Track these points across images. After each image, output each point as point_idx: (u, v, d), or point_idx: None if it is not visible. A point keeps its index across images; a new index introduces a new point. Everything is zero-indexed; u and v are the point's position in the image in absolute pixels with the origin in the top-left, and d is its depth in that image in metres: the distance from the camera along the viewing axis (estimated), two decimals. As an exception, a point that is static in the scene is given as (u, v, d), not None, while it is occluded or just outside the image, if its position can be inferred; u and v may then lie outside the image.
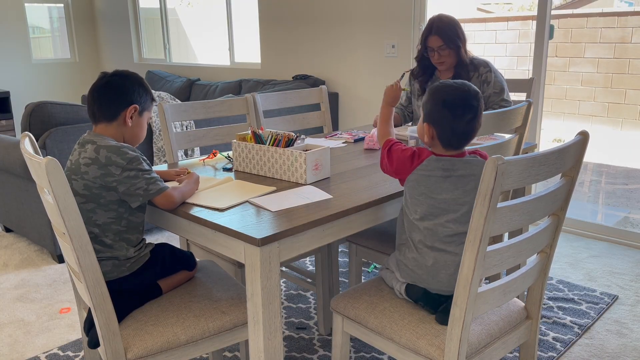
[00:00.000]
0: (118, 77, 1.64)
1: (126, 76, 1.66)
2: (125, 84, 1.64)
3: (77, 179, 1.54)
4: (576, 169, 1.46)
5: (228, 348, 2.28)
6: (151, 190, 1.54)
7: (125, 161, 1.52)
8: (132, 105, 1.63)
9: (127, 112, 1.63)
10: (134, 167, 1.53)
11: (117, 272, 1.58)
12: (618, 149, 4.97)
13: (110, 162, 1.52)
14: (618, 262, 3.08)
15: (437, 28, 2.47)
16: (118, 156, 1.52)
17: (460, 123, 1.47)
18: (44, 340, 2.41)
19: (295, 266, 2.66)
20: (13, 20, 6.58)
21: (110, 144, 1.55)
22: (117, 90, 1.62)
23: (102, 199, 1.54)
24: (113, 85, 1.63)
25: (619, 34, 4.48)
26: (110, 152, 1.52)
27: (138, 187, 1.53)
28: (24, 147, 1.52)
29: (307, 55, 4.74)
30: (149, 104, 1.71)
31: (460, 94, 1.48)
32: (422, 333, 1.47)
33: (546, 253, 1.57)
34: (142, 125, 1.70)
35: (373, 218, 1.66)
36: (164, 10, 6.37)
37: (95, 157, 1.52)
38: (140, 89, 1.67)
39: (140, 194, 1.54)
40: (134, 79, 1.66)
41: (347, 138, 2.53)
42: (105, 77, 1.64)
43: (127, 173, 1.52)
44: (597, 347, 2.27)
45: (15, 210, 3.39)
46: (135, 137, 1.69)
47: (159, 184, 1.56)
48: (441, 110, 1.49)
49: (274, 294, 1.40)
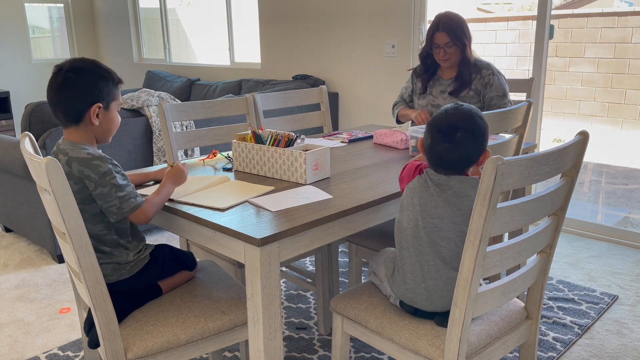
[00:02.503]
0: (73, 74, 1.49)
1: (82, 70, 1.51)
2: (82, 80, 1.50)
3: None
4: (576, 169, 1.46)
5: (228, 348, 2.28)
6: (124, 209, 1.49)
7: (97, 176, 1.46)
8: (94, 104, 1.51)
9: (91, 112, 1.51)
10: (107, 182, 1.47)
11: (117, 275, 1.58)
12: (618, 149, 4.97)
13: (83, 176, 1.47)
14: (618, 262, 3.08)
15: (444, 25, 2.47)
16: (90, 170, 1.46)
17: (437, 149, 1.43)
18: (44, 340, 2.41)
19: (295, 266, 2.66)
20: (13, 20, 6.58)
21: (81, 156, 1.48)
22: (75, 89, 1.49)
23: (86, 212, 1.50)
24: (71, 85, 1.49)
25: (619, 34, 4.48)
26: (82, 166, 1.47)
27: (112, 204, 1.48)
28: (24, 147, 1.52)
29: (307, 55, 4.74)
30: (114, 92, 1.56)
31: (446, 122, 1.43)
32: (422, 333, 1.47)
33: (546, 253, 1.57)
34: (112, 117, 1.58)
35: (373, 218, 1.66)
36: (164, 10, 6.37)
37: (69, 171, 1.47)
38: (101, 81, 1.52)
39: (114, 212, 1.49)
40: (90, 72, 1.51)
41: (345, 138, 2.53)
42: (60, 75, 1.50)
43: (101, 189, 1.47)
44: (597, 347, 2.27)
45: (15, 210, 3.39)
46: (108, 132, 1.59)
47: (132, 201, 1.50)
48: (426, 132, 1.48)
49: (274, 294, 1.40)
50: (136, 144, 3.36)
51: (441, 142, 1.43)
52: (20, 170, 3.03)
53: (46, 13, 7.08)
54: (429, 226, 1.45)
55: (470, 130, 1.41)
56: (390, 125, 4.00)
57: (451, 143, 1.41)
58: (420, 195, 1.47)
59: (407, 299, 1.53)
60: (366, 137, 2.56)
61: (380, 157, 2.19)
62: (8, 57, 6.60)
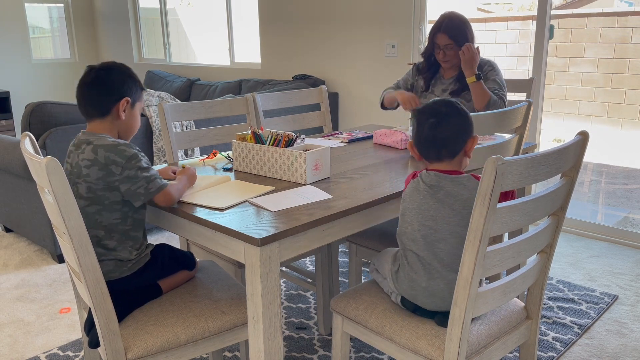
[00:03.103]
0: (105, 71, 1.61)
1: (113, 68, 1.63)
2: (114, 77, 1.61)
3: (80, 182, 1.53)
4: (576, 169, 1.46)
5: (228, 348, 2.28)
6: (151, 188, 1.54)
7: (124, 159, 1.51)
8: (123, 98, 1.61)
9: (120, 105, 1.61)
10: (133, 165, 1.52)
11: (118, 272, 1.59)
12: (618, 149, 4.96)
13: (109, 162, 1.50)
14: (618, 262, 3.08)
15: (446, 26, 2.46)
16: (116, 155, 1.51)
17: (424, 128, 1.47)
18: (44, 340, 2.41)
19: (295, 266, 2.66)
20: (13, 20, 6.58)
21: (107, 143, 1.53)
22: (106, 84, 1.60)
23: (106, 200, 1.54)
24: (102, 80, 1.60)
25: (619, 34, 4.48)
26: (109, 152, 1.51)
27: (139, 186, 1.52)
28: (24, 147, 1.52)
29: (307, 55, 4.74)
30: (140, 94, 1.69)
31: (430, 103, 1.50)
32: (422, 333, 1.47)
33: (546, 253, 1.57)
34: (136, 116, 1.69)
35: (373, 218, 1.66)
36: (164, 10, 6.37)
37: (94, 157, 1.51)
38: (129, 80, 1.65)
39: (142, 193, 1.53)
40: (121, 71, 1.64)
41: (345, 138, 2.53)
42: (92, 72, 1.61)
43: (127, 172, 1.51)
44: (597, 347, 2.27)
45: (15, 210, 3.39)
46: (130, 129, 1.68)
47: (158, 181, 1.56)
48: (415, 123, 1.51)
49: (274, 294, 1.40)
50: (136, 144, 3.35)
51: (427, 118, 1.46)
52: (20, 170, 3.03)
53: (46, 13, 7.08)
54: (424, 229, 1.46)
55: (454, 106, 1.47)
56: (390, 125, 4.00)
57: (437, 117, 1.45)
58: (414, 199, 1.48)
59: (409, 296, 1.53)
60: (366, 137, 2.56)
61: (380, 157, 2.19)
62: (8, 57, 6.60)
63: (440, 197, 1.44)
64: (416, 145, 1.52)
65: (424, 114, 1.49)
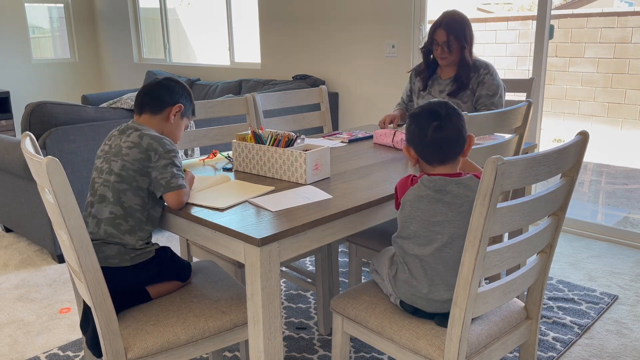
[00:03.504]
0: (171, 80, 1.81)
1: (178, 82, 1.82)
2: (177, 87, 1.79)
3: (116, 160, 1.62)
4: (576, 169, 1.46)
5: (228, 348, 2.28)
6: (172, 183, 1.59)
7: (164, 150, 1.61)
8: (178, 104, 1.76)
9: (173, 109, 1.76)
10: (170, 157, 1.62)
11: (119, 260, 1.58)
12: (618, 149, 4.96)
13: (151, 148, 1.61)
14: (618, 262, 3.08)
15: (446, 23, 2.48)
16: (159, 145, 1.62)
17: (427, 132, 1.44)
18: (44, 340, 2.41)
19: (295, 266, 2.66)
20: (13, 20, 6.58)
21: (154, 134, 1.66)
22: (168, 89, 1.77)
23: (135, 182, 1.60)
24: (165, 85, 1.78)
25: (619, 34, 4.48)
26: (153, 140, 1.62)
27: (164, 176, 1.59)
28: (25, 147, 1.52)
29: (307, 55, 4.74)
30: (190, 112, 1.85)
31: (426, 106, 1.49)
32: (422, 333, 1.47)
33: (546, 253, 1.57)
34: (181, 127, 1.81)
35: (373, 218, 1.66)
36: (164, 10, 6.37)
37: (139, 142, 1.62)
38: (187, 96, 1.82)
39: (163, 185, 1.59)
40: (183, 86, 1.82)
41: (345, 138, 2.53)
42: (162, 79, 1.81)
43: (162, 161, 1.60)
44: (597, 347, 2.27)
45: (15, 210, 3.39)
46: (172, 136, 1.78)
47: (180, 180, 1.61)
48: (411, 128, 1.49)
49: (274, 294, 1.40)
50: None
51: (430, 121, 1.44)
52: (20, 170, 3.03)
53: (46, 13, 7.08)
54: (431, 235, 1.45)
55: (451, 107, 1.47)
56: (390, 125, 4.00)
57: (439, 120, 1.44)
58: (418, 207, 1.45)
59: (408, 300, 1.53)
60: (366, 137, 2.56)
61: (380, 157, 2.19)
62: (8, 57, 6.60)
63: (447, 201, 1.42)
64: (417, 149, 1.49)
65: (424, 117, 1.46)
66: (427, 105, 1.49)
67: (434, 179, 1.44)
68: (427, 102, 1.51)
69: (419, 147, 1.48)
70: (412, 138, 1.49)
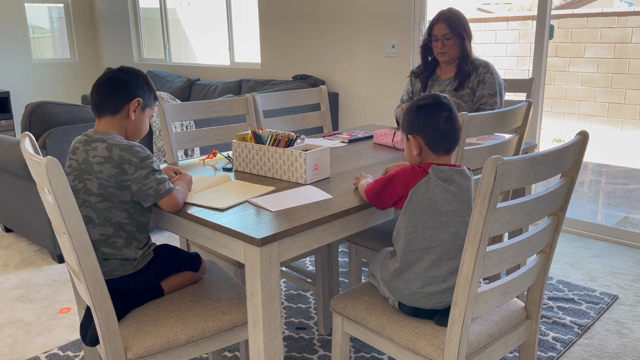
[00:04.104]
0: (123, 72, 1.68)
1: (131, 71, 1.70)
2: (130, 78, 1.67)
3: (91, 178, 1.55)
4: (576, 169, 1.46)
5: (228, 348, 2.28)
6: (161, 190, 1.56)
7: (138, 159, 1.55)
8: (135, 98, 1.66)
9: (131, 105, 1.65)
10: (147, 165, 1.56)
11: (122, 270, 1.59)
12: (618, 149, 4.96)
13: (124, 161, 1.54)
14: (618, 262, 3.08)
15: (445, 17, 2.50)
16: (131, 155, 1.55)
17: (439, 121, 1.48)
18: (44, 340, 2.41)
19: (295, 266, 2.66)
20: (13, 20, 6.58)
21: (122, 143, 1.57)
22: (122, 84, 1.66)
23: (116, 198, 1.56)
24: (118, 79, 1.66)
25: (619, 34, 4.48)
26: (123, 151, 1.55)
27: (150, 186, 1.55)
28: (24, 147, 1.52)
29: (307, 55, 4.74)
30: (152, 101, 1.74)
31: (430, 97, 1.52)
32: (422, 333, 1.47)
33: (546, 253, 1.57)
34: (144, 121, 1.73)
35: (373, 218, 1.66)
36: (164, 10, 6.37)
37: (108, 155, 1.54)
38: (145, 85, 1.70)
39: (152, 194, 1.55)
40: (138, 75, 1.70)
41: (345, 138, 2.53)
42: (111, 72, 1.68)
43: (140, 172, 1.54)
44: (597, 347, 2.27)
45: (15, 210, 3.39)
46: (137, 132, 1.71)
47: (167, 184, 1.58)
48: (419, 117, 1.50)
49: (274, 294, 1.40)
50: (136, 144, 3.36)
51: (441, 111, 1.48)
52: (20, 170, 3.03)
53: (46, 13, 7.08)
54: (438, 225, 1.46)
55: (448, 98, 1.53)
56: (390, 125, 4.00)
57: (448, 110, 1.49)
58: (430, 197, 1.45)
59: (407, 300, 1.53)
60: (366, 137, 2.56)
61: (380, 157, 2.19)
62: (8, 57, 6.60)
63: (453, 191, 1.46)
64: (426, 138, 1.50)
65: (434, 108, 1.49)
66: (433, 97, 1.52)
67: (442, 169, 1.46)
68: (430, 94, 1.54)
69: (429, 136, 1.50)
70: (421, 127, 1.50)
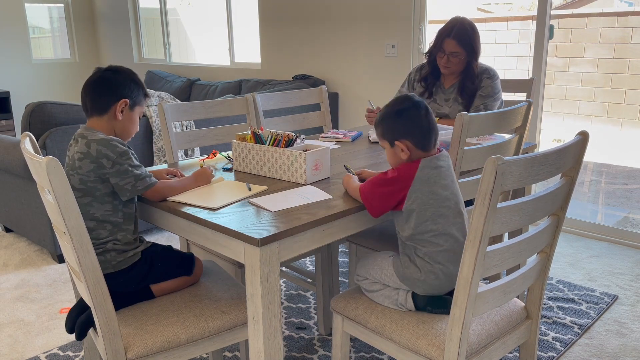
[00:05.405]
0: (110, 72, 1.69)
1: (118, 71, 1.70)
2: (117, 78, 1.68)
3: (73, 174, 1.58)
4: (576, 169, 1.46)
5: (228, 348, 2.28)
6: (139, 186, 1.59)
7: (115, 155, 1.56)
8: (122, 99, 1.67)
9: (118, 105, 1.66)
10: (124, 161, 1.57)
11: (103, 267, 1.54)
12: (618, 149, 4.96)
13: (100, 155, 1.56)
14: (618, 262, 3.08)
15: (456, 33, 2.39)
16: (108, 149, 1.56)
17: (422, 120, 1.53)
18: (44, 340, 2.41)
19: (295, 266, 2.66)
20: (13, 20, 6.58)
21: (100, 138, 1.58)
22: (108, 84, 1.67)
23: (97, 192, 1.58)
24: (105, 80, 1.67)
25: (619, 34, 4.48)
26: (100, 146, 1.56)
27: (127, 182, 1.58)
28: (25, 147, 1.52)
29: (307, 55, 4.74)
30: (141, 98, 1.74)
31: (404, 100, 1.57)
32: (422, 333, 1.47)
33: (546, 253, 1.57)
34: (133, 119, 1.73)
35: (373, 218, 1.66)
36: (164, 10, 6.37)
37: (87, 151, 1.57)
38: (132, 83, 1.70)
39: (129, 189, 1.58)
40: (126, 74, 1.70)
41: (339, 138, 2.53)
42: (98, 72, 1.69)
43: (118, 167, 1.57)
44: (597, 347, 2.27)
45: (15, 210, 3.39)
46: (126, 131, 1.72)
47: (147, 180, 1.60)
48: (402, 122, 1.54)
49: (274, 294, 1.40)
50: (136, 144, 3.36)
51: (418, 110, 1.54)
52: (20, 170, 3.03)
53: (46, 13, 7.08)
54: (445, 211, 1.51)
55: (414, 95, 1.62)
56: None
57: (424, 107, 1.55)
58: (431, 190, 1.51)
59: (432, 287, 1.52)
60: (357, 136, 2.57)
61: (381, 157, 2.20)
62: (8, 57, 6.60)
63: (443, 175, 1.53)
64: (415, 139, 1.53)
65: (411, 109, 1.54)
66: (407, 99, 1.57)
67: (430, 158, 1.53)
68: (397, 98, 1.60)
69: (417, 136, 1.53)
70: (406, 130, 1.54)
